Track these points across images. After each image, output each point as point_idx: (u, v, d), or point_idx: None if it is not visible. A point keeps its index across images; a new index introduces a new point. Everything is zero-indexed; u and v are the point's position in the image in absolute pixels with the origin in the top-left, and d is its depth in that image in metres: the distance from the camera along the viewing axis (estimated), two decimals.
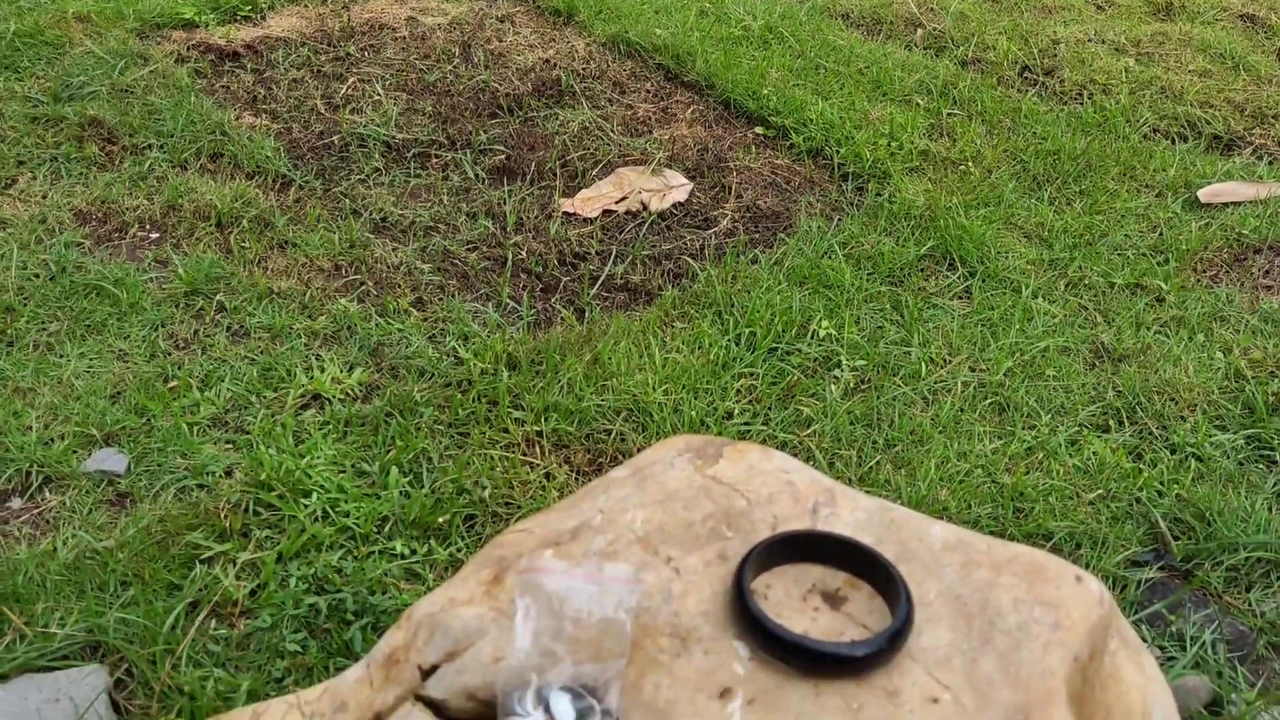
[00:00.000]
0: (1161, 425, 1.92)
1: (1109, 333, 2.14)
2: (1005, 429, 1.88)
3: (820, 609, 0.99)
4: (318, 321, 2.04)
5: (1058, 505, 1.71)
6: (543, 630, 0.93)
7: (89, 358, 1.93)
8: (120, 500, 1.67)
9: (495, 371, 1.92)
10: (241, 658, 1.42)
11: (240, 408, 1.85)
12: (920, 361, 2.01)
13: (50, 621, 1.44)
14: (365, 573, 1.52)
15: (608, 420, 1.84)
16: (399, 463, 1.72)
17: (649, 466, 1.15)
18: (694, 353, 1.99)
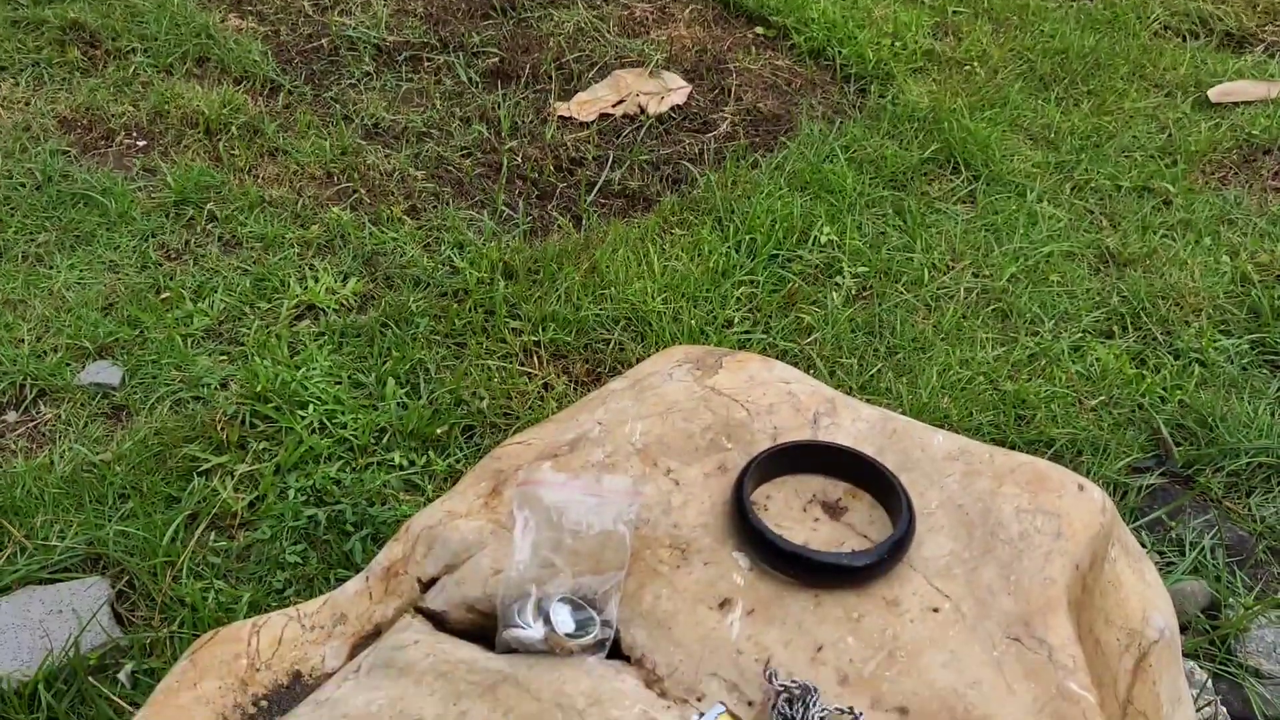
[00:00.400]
0: (1165, 330, 1.90)
1: (1114, 237, 2.11)
2: (1008, 335, 1.87)
3: (821, 519, 0.99)
4: (310, 231, 2.01)
5: (1059, 412, 1.70)
6: (542, 542, 0.93)
7: (79, 269, 1.90)
8: (116, 413, 1.66)
9: (491, 281, 1.90)
10: (242, 569, 1.42)
11: (234, 319, 1.83)
12: (923, 267, 1.99)
13: (50, 534, 1.44)
14: (364, 484, 1.52)
15: (606, 330, 1.82)
16: (395, 374, 1.70)
17: (648, 377, 1.13)
18: (693, 260, 1.96)
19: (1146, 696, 1.01)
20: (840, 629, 0.89)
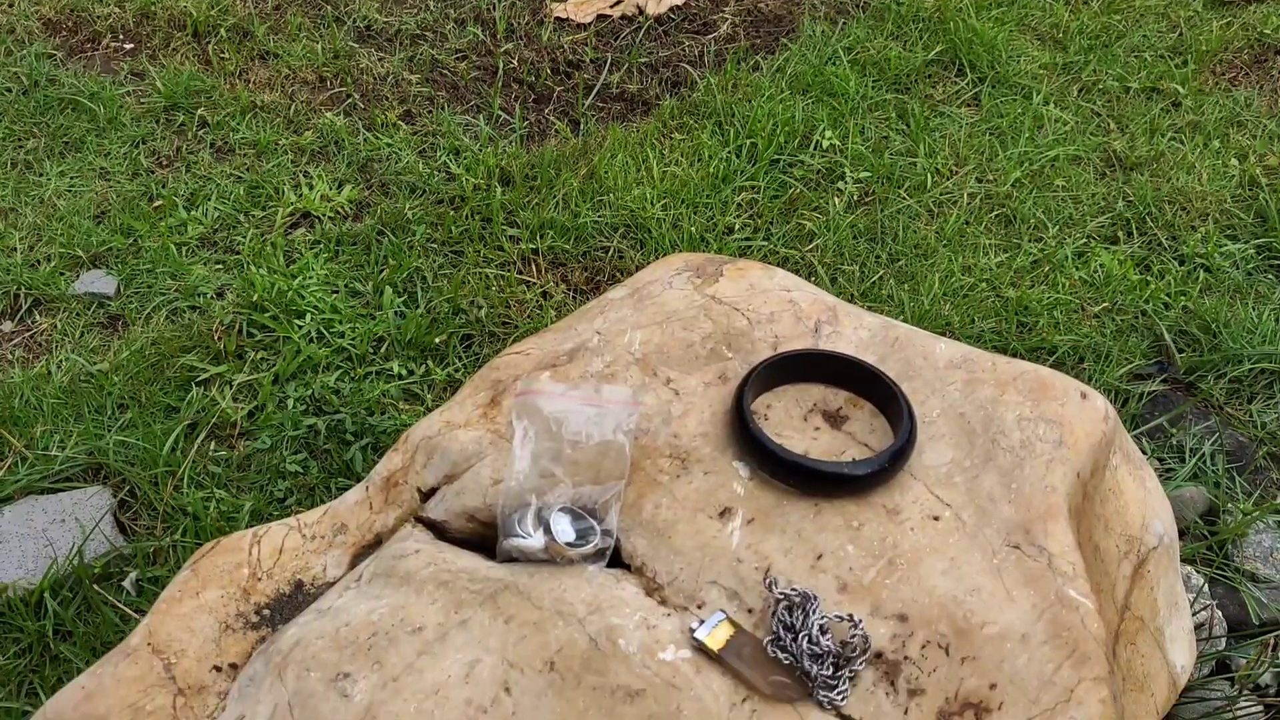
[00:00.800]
0: (1171, 236, 1.88)
1: (1121, 140, 2.07)
2: (1011, 241, 1.84)
3: (821, 428, 0.98)
4: (304, 137, 1.98)
5: (1062, 319, 1.69)
6: (541, 452, 0.93)
7: (69, 176, 1.87)
8: (112, 322, 1.65)
9: (488, 187, 1.87)
10: (242, 479, 1.43)
11: (228, 227, 1.80)
12: (926, 172, 1.96)
13: (50, 444, 1.44)
14: (363, 394, 1.52)
15: (605, 237, 1.80)
16: (393, 282, 1.69)
17: (647, 286, 1.12)
18: (693, 165, 1.93)
19: (1144, 601, 1.01)
20: (840, 537, 0.89)
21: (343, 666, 0.82)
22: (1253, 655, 1.27)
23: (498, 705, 0.79)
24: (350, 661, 0.82)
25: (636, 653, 0.81)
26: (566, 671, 0.81)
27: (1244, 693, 1.23)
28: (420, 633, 0.84)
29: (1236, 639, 1.31)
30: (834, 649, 0.80)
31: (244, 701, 0.83)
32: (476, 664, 0.81)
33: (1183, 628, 1.07)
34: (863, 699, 0.80)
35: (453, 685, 0.80)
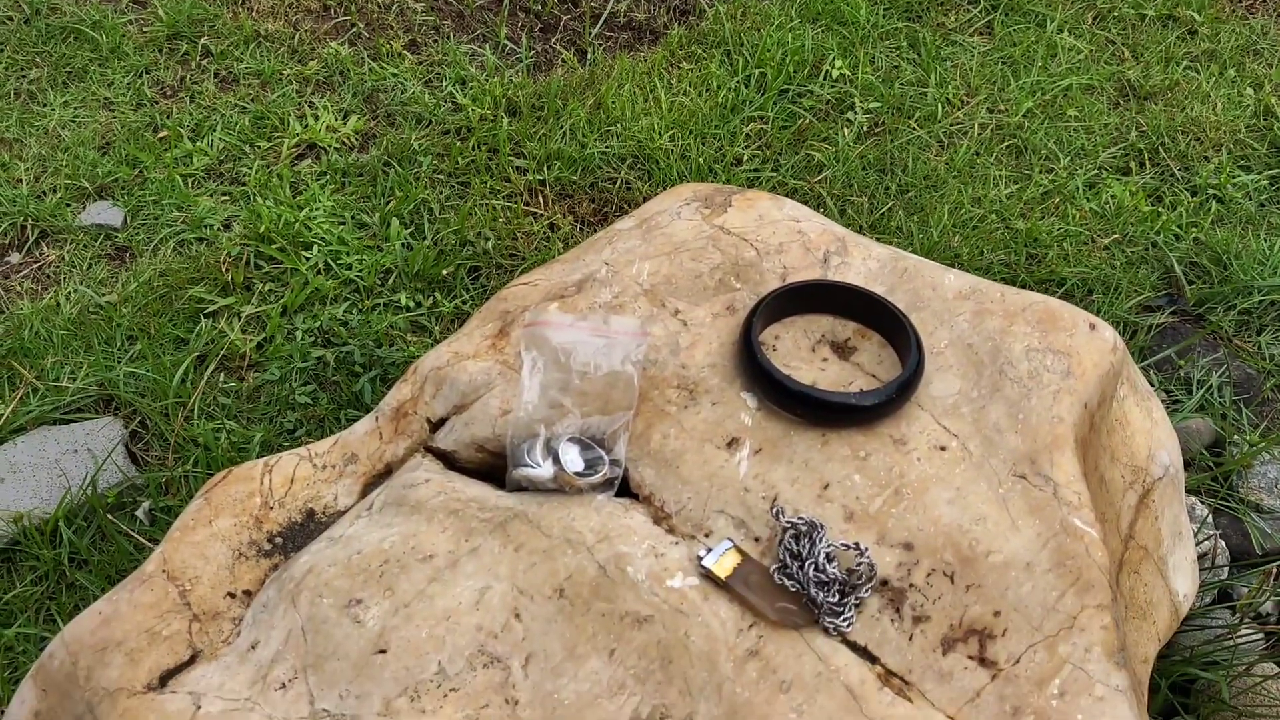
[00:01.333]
0: (1184, 166, 1.86)
1: (1136, 69, 2.04)
2: (1022, 172, 1.83)
3: (829, 359, 0.98)
4: (309, 67, 1.95)
5: (1072, 251, 1.68)
6: (550, 383, 0.93)
7: (73, 107, 1.85)
8: (119, 254, 1.65)
9: (495, 118, 1.85)
10: (252, 410, 1.44)
11: (234, 158, 1.79)
12: (937, 103, 1.93)
13: (60, 376, 1.45)
14: (371, 325, 1.52)
15: (612, 168, 1.78)
16: (399, 214, 1.68)
17: (655, 216, 1.11)
18: (701, 95, 1.91)
19: (1148, 531, 1.02)
20: (847, 467, 0.90)
21: (355, 593, 0.83)
22: (1255, 584, 1.28)
23: (508, 631, 0.80)
24: (362, 588, 0.83)
25: (644, 580, 0.82)
26: (575, 598, 0.82)
27: (1245, 621, 1.24)
28: (431, 560, 0.85)
29: (1239, 569, 1.32)
30: (840, 576, 0.81)
31: (258, 627, 0.84)
32: (487, 591, 0.82)
33: (1186, 557, 1.08)
34: (868, 625, 0.81)
35: (464, 611, 0.81)
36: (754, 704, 0.77)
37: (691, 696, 0.77)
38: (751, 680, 0.78)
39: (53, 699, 0.84)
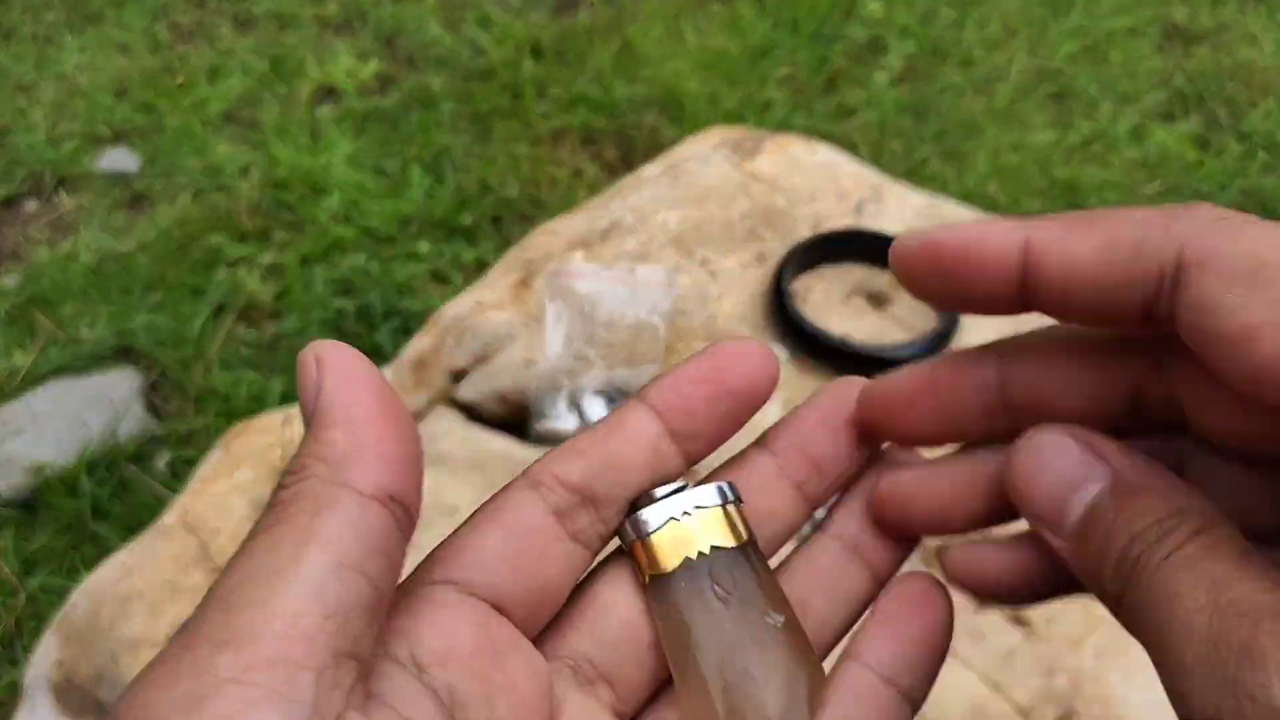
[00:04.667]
0: (1231, 112, 1.79)
1: (1182, 10, 1.97)
2: (1063, 118, 1.77)
3: (863, 310, 0.95)
4: (327, 8, 1.91)
5: (1114, 199, 1.63)
6: (574, 334, 0.90)
7: (89, 51, 1.83)
8: (136, 202, 1.63)
9: (518, 60, 1.81)
10: (272, 360, 1.42)
11: (252, 103, 1.76)
12: (975, 46, 1.87)
13: (79, 325, 1.44)
14: (391, 275, 1.49)
15: (639, 112, 1.74)
16: (420, 160, 1.65)
17: (683, 162, 1.08)
18: (731, 38, 1.86)
19: None
20: None
21: None
22: None
23: None
24: None
25: None
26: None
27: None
28: (455, 514, 0.83)
29: None
30: None
31: None
32: None
33: None
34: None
35: None
36: None
37: None
38: None
39: (75, 649, 0.83)
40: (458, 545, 0.29)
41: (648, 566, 0.30)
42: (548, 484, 0.29)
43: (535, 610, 0.29)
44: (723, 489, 0.31)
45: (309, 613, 0.22)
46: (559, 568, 0.29)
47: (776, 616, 0.29)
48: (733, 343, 0.31)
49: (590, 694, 0.29)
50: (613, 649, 0.30)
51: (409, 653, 0.26)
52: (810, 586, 0.31)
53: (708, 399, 0.30)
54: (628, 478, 0.30)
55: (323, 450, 0.24)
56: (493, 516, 0.29)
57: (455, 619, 0.27)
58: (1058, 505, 0.26)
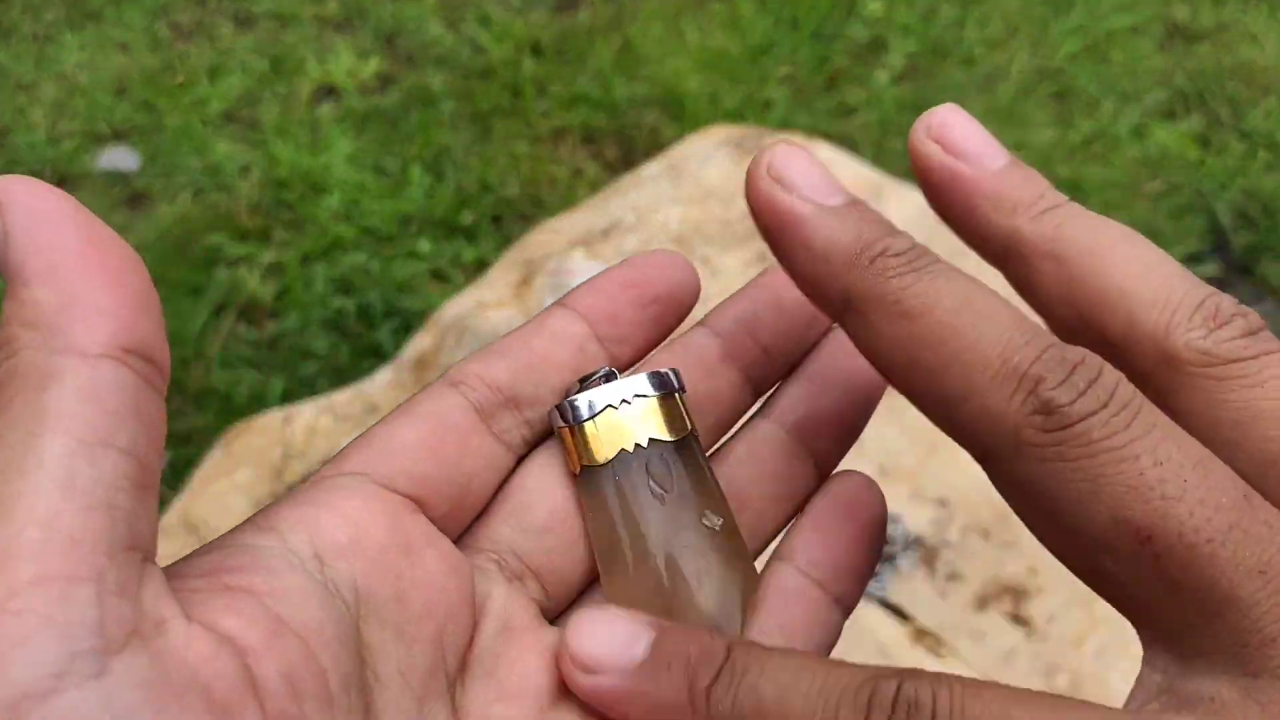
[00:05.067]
0: (1233, 111, 1.79)
1: (1184, 9, 1.97)
2: (1064, 117, 1.77)
3: None
4: (327, 7, 1.91)
5: (1115, 198, 1.63)
6: None
7: (89, 49, 1.82)
8: (136, 200, 1.63)
9: (518, 59, 1.81)
10: (272, 359, 1.42)
11: (252, 102, 1.76)
12: (976, 44, 1.87)
13: None
14: (391, 274, 1.49)
15: (639, 111, 1.74)
16: (420, 159, 1.65)
17: (684, 161, 1.08)
18: (732, 37, 1.86)
19: None
20: (881, 421, 0.86)
21: None
22: None
23: None
24: None
25: None
26: None
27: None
28: None
29: None
30: None
31: None
32: None
33: None
34: (900, 583, 0.79)
35: None
36: None
37: None
38: None
39: None
40: (373, 438, 0.26)
41: (580, 456, 0.28)
42: (469, 383, 0.28)
43: (456, 506, 0.27)
44: (665, 377, 0.29)
45: (65, 510, 0.18)
46: (482, 463, 0.27)
47: (714, 519, 0.28)
48: (653, 252, 0.30)
49: (517, 588, 0.27)
50: (540, 540, 0.28)
51: (309, 543, 0.23)
52: (751, 480, 0.30)
53: (633, 303, 0.29)
54: (552, 378, 0.28)
55: (27, 314, 0.20)
56: (410, 411, 0.27)
57: (365, 511, 0.25)
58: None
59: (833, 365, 0.31)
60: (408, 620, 0.24)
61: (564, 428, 0.28)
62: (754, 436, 0.30)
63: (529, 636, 0.27)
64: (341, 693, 0.22)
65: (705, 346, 0.30)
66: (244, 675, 0.20)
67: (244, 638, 0.20)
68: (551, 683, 0.26)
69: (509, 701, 0.26)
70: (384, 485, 0.25)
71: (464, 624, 0.26)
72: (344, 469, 0.26)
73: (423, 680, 0.24)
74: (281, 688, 0.20)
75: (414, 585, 0.24)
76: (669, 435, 0.28)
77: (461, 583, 0.26)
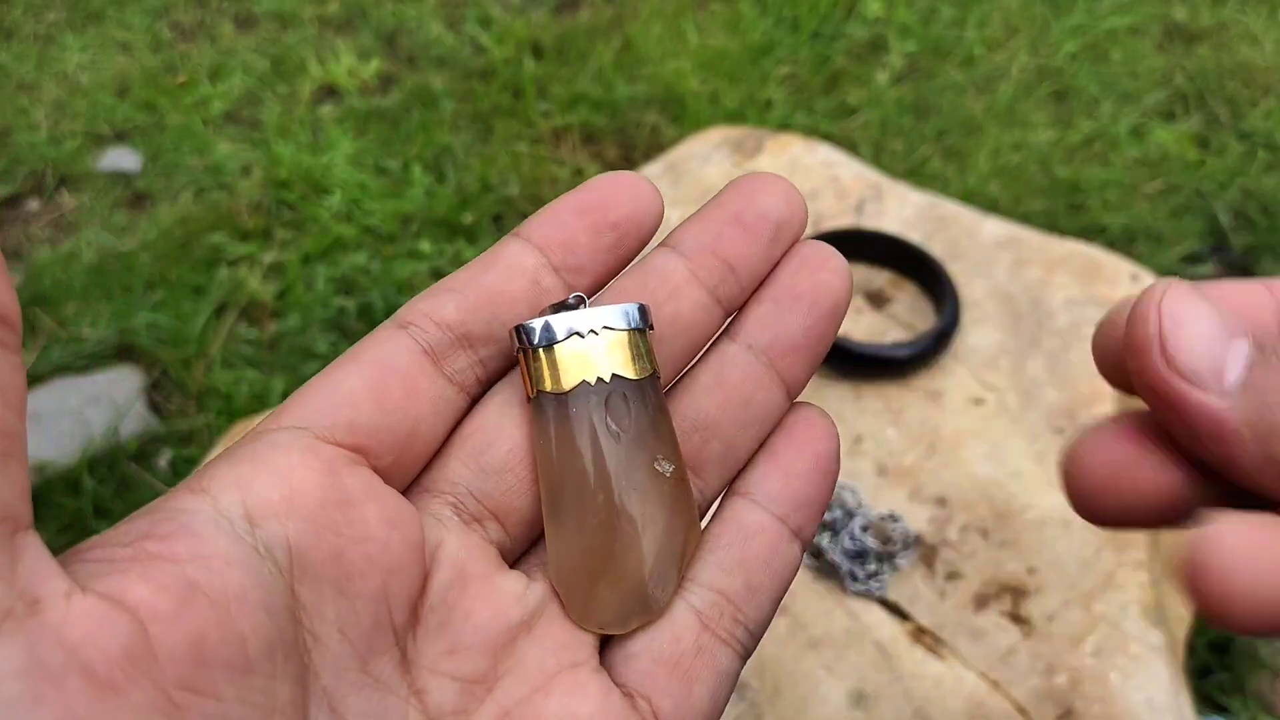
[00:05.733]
0: (1232, 111, 1.79)
1: (1183, 9, 1.96)
2: (1064, 117, 1.77)
3: (863, 309, 0.95)
4: (328, 7, 1.91)
5: (1114, 198, 1.63)
6: None
7: (91, 50, 1.83)
8: (138, 201, 1.63)
9: (519, 59, 1.81)
10: (273, 359, 1.42)
11: (253, 102, 1.76)
12: (976, 45, 1.87)
13: (81, 324, 1.44)
14: (393, 273, 1.49)
15: (640, 111, 1.74)
16: (421, 159, 1.65)
17: (684, 161, 1.08)
18: (732, 37, 1.86)
19: None
20: (880, 421, 0.87)
21: None
22: None
23: None
24: None
25: None
26: None
27: None
28: None
29: None
30: (875, 547, 0.79)
31: None
32: None
33: None
34: (900, 582, 0.79)
35: None
36: (782, 660, 0.75)
37: None
38: (780, 636, 0.76)
39: None
40: (315, 388, 0.25)
41: (539, 380, 0.27)
42: (418, 323, 0.27)
43: (404, 453, 0.26)
44: (633, 312, 0.27)
45: None
46: (431, 407, 0.26)
47: (667, 465, 0.27)
48: (611, 174, 0.29)
49: (475, 532, 0.26)
50: (500, 480, 0.27)
51: (240, 504, 0.22)
52: (720, 407, 0.28)
53: (590, 230, 0.28)
54: (506, 314, 0.27)
55: None
56: (355, 357, 0.26)
57: (301, 467, 0.24)
58: (1216, 360, 0.22)
59: (799, 282, 0.29)
60: (347, 577, 0.23)
61: (523, 350, 0.27)
62: (722, 361, 0.29)
63: (484, 584, 0.26)
64: (264, 659, 0.21)
65: (669, 267, 0.29)
66: (137, 647, 0.19)
67: (151, 605, 0.20)
68: (507, 630, 0.26)
69: (463, 652, 0.25)
70: (324, 438, 0.24)
71: (412, 576, 0.25)
72: (284, 422, 0.25)
73: (365, 637, 0.24)
74: (187, 655, 0.20)
75: (353, 541, 0.24)
76: (632, 373, 0.27)
77: (406, 534, 0.25)
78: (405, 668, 0.24)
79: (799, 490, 0.28)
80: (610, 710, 0.25)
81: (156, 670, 0.19)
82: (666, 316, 0.28)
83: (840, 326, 0.29)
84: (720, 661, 0.27)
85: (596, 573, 0.26)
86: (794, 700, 0.74)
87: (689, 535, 0.27)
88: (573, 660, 0.26)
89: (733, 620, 0.27)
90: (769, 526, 0.28)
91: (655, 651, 0.26)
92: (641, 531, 0.26)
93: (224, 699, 0.20)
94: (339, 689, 0.23)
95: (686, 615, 0.27)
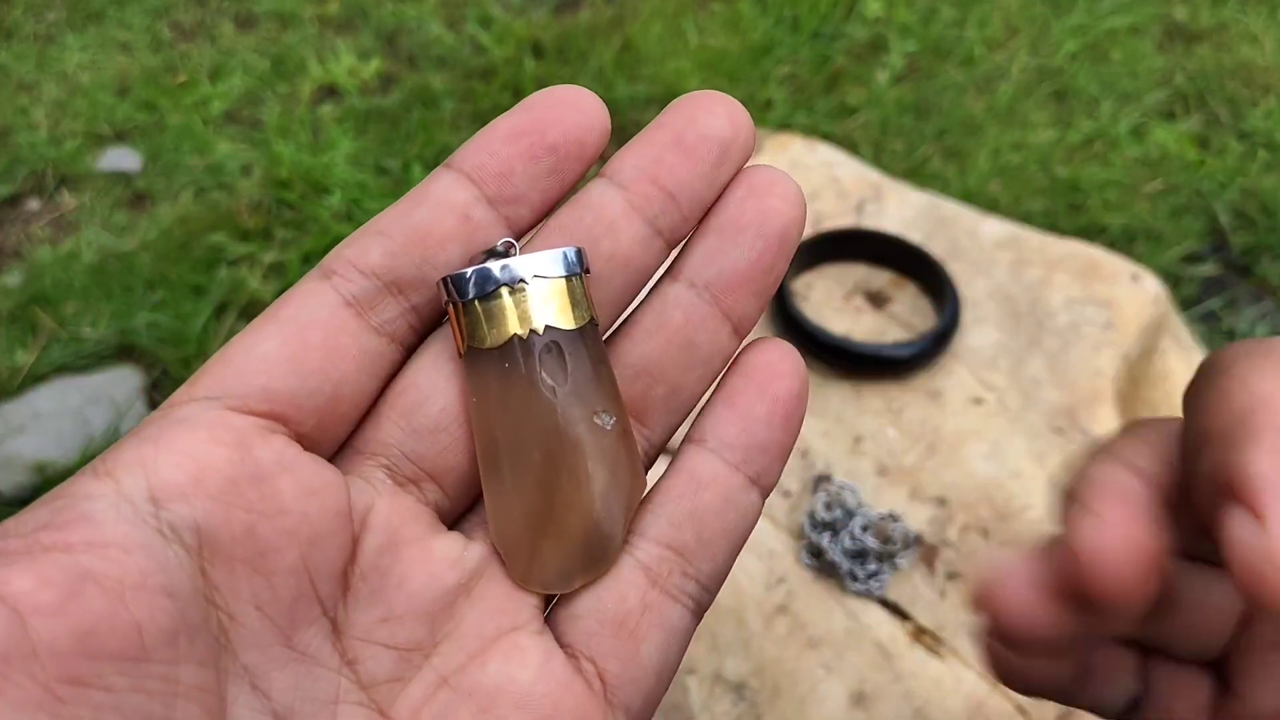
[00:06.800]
0: (1232, 111, 1.79)
1: (1183, 9, 1.96)
2: (1064, 117, 1.77)
3: (863, 309, 0.95)
4: (328, 7, 1.92)
5: (1115, 198, 1.63)
6: None
7: (91, 49, 1.83)
8: (138, 200, 1.63)
9: (519, 59, 1.81)
10: None
11: (253, 102, 1.76)
12: (976, 44, 1.87)
13: (81, 324, 1.44)
14: None
15: (640, 111, 1.74)
16: (422, 159, 1.65)
17: None
18: (732, 37, 1.86)
19: None
20: (880, 420, 0.87)
21: None
22: None
23: None
24: None
25: None
26: None
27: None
28: None
29: None
30: (875, 547, 0.79)
31: None
32: None
33: None
34: (899, 582, 0.79)
35: None
36: (782, 660, 0.75)
37: (719, 652, 0.75)
38: (780, 636, 0.76)
39: None
40: (230, 354, 0.24)
41: (467, 336, 0.25)
42: (341, 272, 0.25)
43: (327, 416, 0.24)
44: (568, 257, 0.26)
45: None
46: (356, 365, 0.25)
47: (607, 418, 0.26)
48: (549, 90, 0.27)
49: (409, 494, 0.25)
50: (434, 440, 0.25)
51: (144, 487, 0.22)
52: (663, 350, 0.27)
53: (525, 156, 0.26)
54: (436, 255, 0.25)
55: None
56: (273, 316, 0.24)
57: (207, 442, 0.22)
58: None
59: (745, 211, 0.27)
60: (260, 553, 0.22)
61: (451, 304, 0.25)
62: (664, 301, 0.27)
63: (418, 548, 0.25)
64: (163, 645, 0.20)
65: (605, 200, 0.27)
66: (13, 642, 0.19)
67: (32, 599, 0.19)
68: (444, 595, 0.25)
69: (397, 620, 0.24)
70: (236, 408, 0.23)
71: (337, 544, 0.24)
72: (196, 393, 0.24)
73: (286, 612, 0.23)
74: (71, 648, 0.19)
75: (265, 516, 0.23)
76: (568, 322, 0.25)
77: (327, 502, 0.24)
78: (336, 638, 0.24)
79: (756, 435, 0.26)
80: (551, 674, 0.24)
81: (35, 665, 0.19)
82: (604, 254, 0.27)
83: (791, 256, 0.27)
84: (669, 618, 0.26)
85: (537, 532, 0.25)
86: (793, 700, 0.74)
87: (633, 489, 0.26)
88: (513, 623, 0.25)
89: (682, 575, 0.26)
90: (723, 475, 0.26)
91: (600, 611, 0.25)
92: (582, 488, 0.25)
93: (115, 689, 0.19)
94: (261, 665, 0.22)
95: (633, 572, 0.26)
